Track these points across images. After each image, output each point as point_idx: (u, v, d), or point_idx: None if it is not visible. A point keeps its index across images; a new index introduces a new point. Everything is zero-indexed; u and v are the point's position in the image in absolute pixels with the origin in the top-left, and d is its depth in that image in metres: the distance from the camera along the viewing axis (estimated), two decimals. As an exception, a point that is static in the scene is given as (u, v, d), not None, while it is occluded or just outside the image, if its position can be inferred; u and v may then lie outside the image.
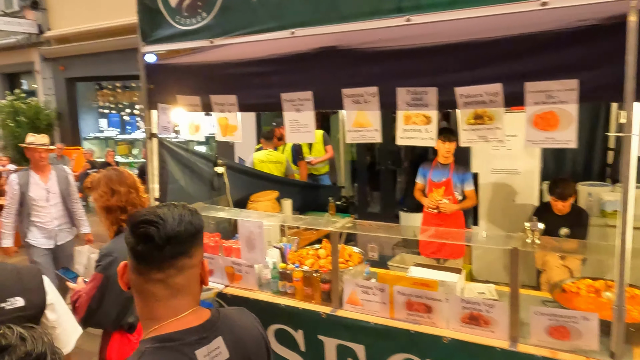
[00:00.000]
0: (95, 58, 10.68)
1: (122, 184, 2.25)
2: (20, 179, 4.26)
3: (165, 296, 1.12)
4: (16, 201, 4.26)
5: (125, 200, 2.23)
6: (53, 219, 4.47)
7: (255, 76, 2.98)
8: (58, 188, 4.47)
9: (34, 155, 4.29)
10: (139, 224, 1.11)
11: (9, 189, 4.12)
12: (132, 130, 11.95)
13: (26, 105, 11.14)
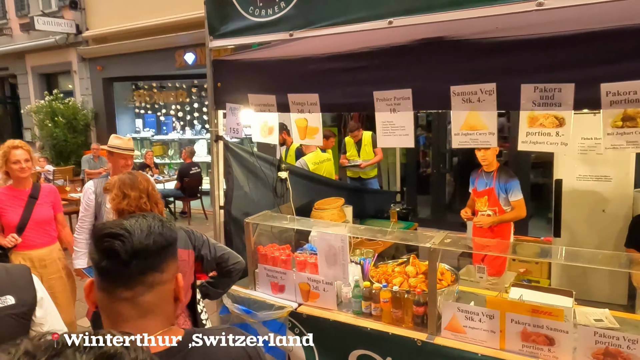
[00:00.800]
0: (132, 58, 10.55)
1: (134, 189, 2.25)
2: (97, 187, 3.45)
3: (132, 316, 1.02)
4: (91, 214, 3.44)
5: (135, 205, 2.23)
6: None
7: (342, 72, 2.65)
8: None
9: (119, 162, 3.58)
10: (103, 238, 1.01)
11: (83, 199, 3.44)
12: (168, 130, 11.79)
13: (64, 106, 11.09)
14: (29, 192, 3.47)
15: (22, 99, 13.28)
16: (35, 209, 3.46)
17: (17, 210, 3.41)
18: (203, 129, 11.61)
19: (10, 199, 3.41)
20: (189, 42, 9.44)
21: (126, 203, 2.23)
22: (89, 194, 3.42)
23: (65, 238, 3.77)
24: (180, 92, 11.57)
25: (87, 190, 3.45)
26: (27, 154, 3.41)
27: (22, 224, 3.41)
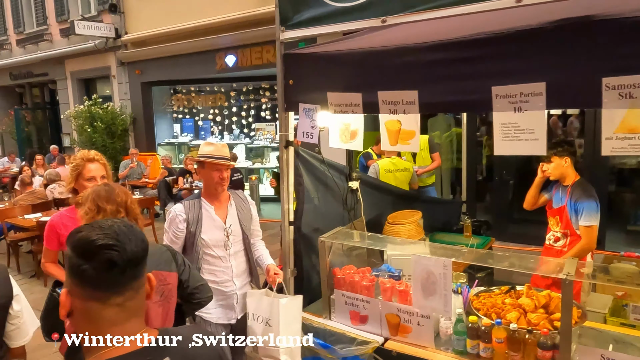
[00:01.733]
0: (171, 61, 10.34)
1: (110, 202, 1.99)
2: (188, 211, 2.68)
3: (121, 320, 1.07)
4: (179, 247, 2.69)
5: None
6: (234, 277, 2.80)
7: (450, 64, 2.19)
8: (240, 227, 2.83)
9: (213, 175, 2.68)
10: (100, 250, 1.02)
11: (170, 227, 2.68)
12: (206, 135, 11.54)
13: (103, 111, 10.97)
14: None
15: (61, 104, 13.28)
16: None
17: None
18: (241, 133, 11.32)
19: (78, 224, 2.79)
20: (230, 44, 9.14)
21: (101, 217, 1.94)
22: (178, 221, 2.64)
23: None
24: (219, 96, 11.31)
25: (176, 216, 2.66)
26: (104, 169, 2.68)
27: None
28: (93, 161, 2.62)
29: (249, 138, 11.24)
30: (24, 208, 6.71)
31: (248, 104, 11.16)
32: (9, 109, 15.33)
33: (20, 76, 14.32)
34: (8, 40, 14.42)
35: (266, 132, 11.08)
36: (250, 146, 11.06)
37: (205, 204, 2.75)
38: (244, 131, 11.32)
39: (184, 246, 2.72)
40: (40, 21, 13.43)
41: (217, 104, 11.39)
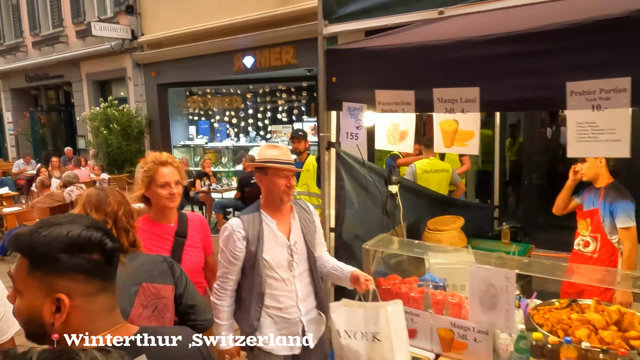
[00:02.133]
0: (188, 63, 10.23)
1: (99, 211, 1.79)
2: (248, 227, 2.26)
3: (113, 306, 1.11)
4: (238, 270, 2.29)
5: None
6: (299, 302, 2.34)
7: (516, 59, 2.02)
8: (305, 243, 2.37)
9: (278, 183, 2.25)
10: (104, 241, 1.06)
11: (227, 246, 2.26)
12: (222, 138, 11.41)
13: (118, 113, 10.89)
14: (175, 229, 2.37)
15: (76, 106, 13.25)
16: (185, 254, 2.36)
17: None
18: (257, 135, 11.18)
19: (152, 239, 2.27)
20: (248, 45, 9.01)
21: None
22: (237, 239, 2.23)
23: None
24: (235, 97, 11.18)
25: (234, 233, 2.24)
26: (178, 173, 2.35)
27: None
28: (166, 164, 2.31)
29: (265, 140, 11.09)
30: (42, 211, 6.61)
31: (264, 105, 11.02)
32: (24, 111, 15.35)
33: (35, 78, 14.32)
34: (24, 43, 14.43)
35: (282, 134, 10.93)
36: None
37: (266, 217, 2.31)
38: (260, 133, 11.18)
39: (243, 268, 2.31)
40: (56, 23, 13.42)
41: (233, 106, 11.27)
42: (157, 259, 1.94)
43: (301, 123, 10.76)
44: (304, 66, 8.61)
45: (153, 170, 2.28)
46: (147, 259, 1.87)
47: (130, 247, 1.82)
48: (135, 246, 1.85)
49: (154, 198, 2.29)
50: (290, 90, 10.68)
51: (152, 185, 2.28)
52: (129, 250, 1.79)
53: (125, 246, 1.78)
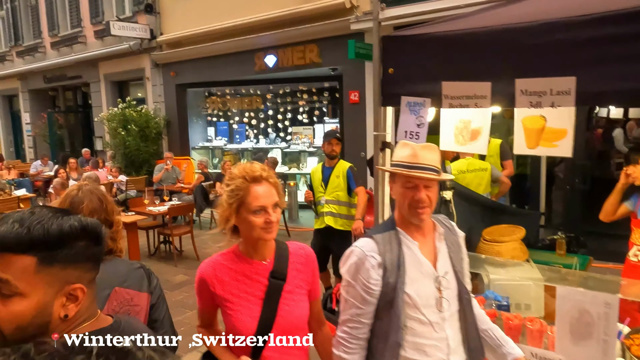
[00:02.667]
0: (207, 62, 10.01)
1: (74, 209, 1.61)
2: (384, 250, 1.67)
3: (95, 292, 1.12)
4: (373, 308, 1.67)
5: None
6: (450, 355, 1.66)
7: (623, 42, 1.68)
8: (454, 275, 1.72)
9: (404, 195, 1.68)
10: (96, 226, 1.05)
11: (355, 277, 1.67)
12: (241, 139, 11.17)
13: (136, 113, 10.69)
14: (270, 267, 1.73)
15: (94, 107, 13.11)
16: (282, 303, 1.71)
17: (252, 306, 1.69)
18: (277, 137, 10.91)
19: (239, 281, 1.71)
20: (270, 44, 8.74)
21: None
22: (370, 267, 1.63)
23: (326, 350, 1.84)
24: (255, 98, 10.93)
25: (366, 258, 1.64)
26: (276, 191, 1.70)
27: (261, 331, 1.67)
28: (260, 181, 1.65)
29: (285, 142, 10.82)
30: (60, 214, 6.39)
31: (285, 106, 10.75)
32: (42, 112, 15.28)
33: (53, 79, 14.24)
34: (42, 43, 14.37)
35: (303, 136, 10.65)
36: (286, 150, 10.64)
37: (405, 238, 1.68)
38: (280, 135, 10.91)
39: (378, 310, 1.65)
40: (75, 23, 13.31)
41: (253, 107, 11.02)
42: (134, 264, 1.82)
43: (322, 124, 10.47)
44: (328, 65, 8.31)
45: (243, 189, 1.63)
46: (123, 264, 1.77)
47: (108, 254, 1.69)
48: (111, 254, 1.74)
49: (245, 227, 1.66)
50: (312, 90, 10.40)
51: (242, 211, 1.64)
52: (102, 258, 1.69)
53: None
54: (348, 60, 7.75)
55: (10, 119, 17.39)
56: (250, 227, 1.64)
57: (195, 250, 6.90)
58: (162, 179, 9.42)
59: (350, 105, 7.89)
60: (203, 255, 7.02)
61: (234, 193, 1.64)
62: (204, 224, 8.99)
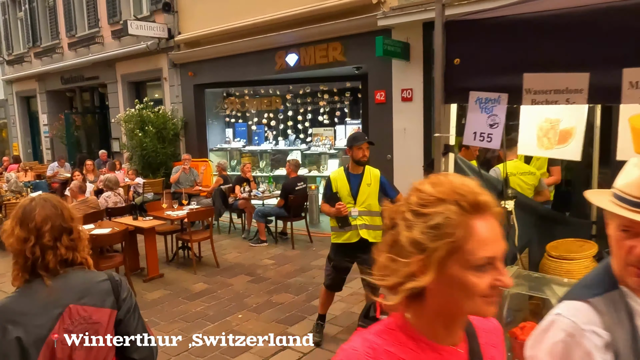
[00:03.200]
0: (226, 62, 9.75)
1: (23, 225, 1.57)
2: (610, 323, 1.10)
3: None
4: None
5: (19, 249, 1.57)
6: None
7: None
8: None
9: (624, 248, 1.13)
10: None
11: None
12: (260, 141, 10.89)
13: (154, 114, 10.47)
14: (465, 356, 1.01)
15: (111, 108, 12.95)
16: None
17: None
18: (297, 139, 10.61)
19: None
20: (292, 42, 8.45)
21: (10, 242, 1.59)
22: (591, 348, 1.08)
23: None
24: (275, 99, 10.65)
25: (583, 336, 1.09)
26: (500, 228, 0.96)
27: None
28: (485, 212, 0.91)
29: (305, 144, 10.51)
30: (76, 218, 6.15)
31: (305, 107, 10.45)
32: (59, 113, 15.20)
33: (71, 80, 14.13)
34: (60, 44, 14.28)
35: (324, 137, 10.33)
36: (306, 152, 10.33)
37: (637, 304, 1.14)
38: (300, 137, 10.61)
39: None
40: (92, 24, 13.18)
41: (272, 108, 10.74)
42: (98, 277, 1.67)
43: (344, 125, 10.15)
44: (352, 63, 7.99)
45: (460, 226, 0.90)
46: (82, 278, 1.63)
47: (61, 266, 1.59)
48: (70, 265, 1.62)
49: (448, 293, 0.93)
50: (333, 91, 10.08)
51: (451, 263, 0.91)
52: (57, 269, 1.57)
53: (52, 265, 1.56)
54: (374, 58, 7.42)
55: (28, 121, 17.37)
56: (464, 292, 0.91)
57: (215, 256, 6.62)
58: (180, 182, 9.18)
59: (376, 105, 7.55)
60: (223, 262, 6.74)
61: (439, 231, 0.90)
62: (223, 228, 8.72)
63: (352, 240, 4.09)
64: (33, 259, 1.56)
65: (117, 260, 5.59)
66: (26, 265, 1.57)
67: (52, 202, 1.65)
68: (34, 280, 1.55)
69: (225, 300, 5.40)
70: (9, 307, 1.52)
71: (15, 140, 17.68)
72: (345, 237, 4.08)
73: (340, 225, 4.04)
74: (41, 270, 1.55)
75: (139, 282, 5.99)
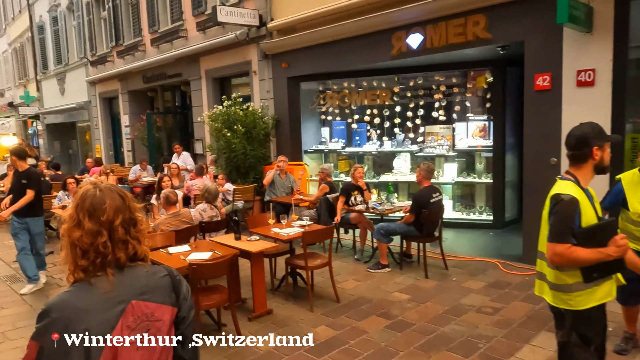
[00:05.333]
0: (326, 49, 8.37)
1: (93, 218, 1.45)
2: None
3: None
4: None
5: (90, 243, 1.43)
6: None
7: None
8: None
9: None
10: None
11: None
12: (362, 142, 9.39)
13: (243, 112, 9.28)
14: None
15: (194, 107, 12.01)
16: None
17: None
18: (406, 139, 9.02)
19: None
20: (416, 18, 6.89)
21: (78, 236, 1.43)
22: None
23: None
24: (381, 92, 9.12)
25: None
26: None
27: None
28: None
29: (416, 145, 8.90)
30: (167, 236, 4.93)
31: (416, 101, 8.85)
32: (140, 114, 14.60)
33: (153, 78, 13.40)
34: (142, 41, 13.59)
35: (439, 137, 8.67)
36: (419, 155, 8.72)
37: None
38: (410, 136, 9.01)
39: None
40: (176, 17, 12.33)
41: (378, 102, 9.22)
42: (159, 272, 1.56)
43: (465, 122, 8.45)
44: (499, 41, 6.28)
45: None
46: (143, 272, 1.52)
47: (130, 260, 1.49)
48: (137, 259, 1.51)
49: None
50: (451, 80, 8.43)
51: None
52: (125, 264, 1.47)
53: (122, 260, 1.47)
54: (534, 32, 5.69)
55: (110, 122, 17.03)
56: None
57: (334, 289, 5.16)
58: (275, 188, 7.87)
59: (536, 93, 5.79)
60: (341, 292, 5.27)
61: None
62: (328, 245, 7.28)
63: (612, 294, 2.53)
64: (104, 254, 1.43)
65: (221, 297, 4.24)
66: (95, 261, 1.43)
67: (117, 192, 1.53)
68: (95, 275, 1.43)
69: (364, 358, 3.92)
70: (70, 302, 1.42)
71: (97, 142, 17.42)
72: (605, 293, 2.48)
73: (598, 275, 2.43)
74: (109, 267, 1.44)
75: (243, 319, 4.65)
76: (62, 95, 19.25)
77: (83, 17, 16.57)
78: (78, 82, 17.68)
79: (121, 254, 1.47)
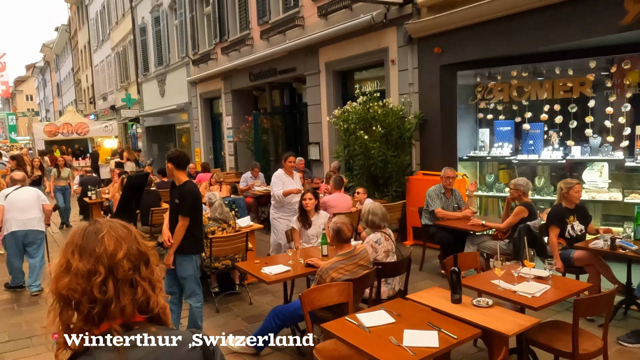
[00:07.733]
0: (499, 26, 6.38)
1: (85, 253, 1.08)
2: None
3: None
4: None
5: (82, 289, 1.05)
6: None
7: None
8: None
9: None
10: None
11: None
12: (537, 148, 7.24)
13: (382, 110, 7.50)
14: None
15: (310, 105, 10.47)
16: None
17: None
18: (605, 144, 6.74)
19: None
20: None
21: (66, 283, 1.04)
22: None
23: None
24: (576, 80, 6.90)
25: None
26: None
27: None
28: None
29: (620, 152, 6.60)
30: (342, 290, 3.21)
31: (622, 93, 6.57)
32: (244, 115, 13.40)
33: (261, 75, 12.07)
34: (250, 35, 12.32)
35: (657, 141, 6.33)
36: (629, 165, 6.43)
37: None
38: (608, 140, 6.72)
39: None
40: (290, 4, 10.88)
41: (561, 95, 7.04)
42: (186, 341, 1.10)
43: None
44: None
45: None
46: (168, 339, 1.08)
47: (141, 313, 1.09)
48: (148, 312, 1.10)
49: None
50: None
51: None
52: (135, 320, 1.08)
53: (129, 312, 1.07)
54: None
55: (210, 124, 16.08)
56: None
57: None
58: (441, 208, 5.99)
59: None
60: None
61: None
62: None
63: None
64: (103, 302, 1.04)
65: None
66: (90, 314, 1.04)
67: (119, 222, 1.18)
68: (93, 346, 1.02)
69: None
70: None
71: (197, 146, 16.54)
72: None
73: None
74: (112, 321, 1.05)
75: None
76: (162, 97, 18.75)
77: (185, 15, 15.77)
78: (178, 83, 16.99)
79: (126, 302, 1.07)
